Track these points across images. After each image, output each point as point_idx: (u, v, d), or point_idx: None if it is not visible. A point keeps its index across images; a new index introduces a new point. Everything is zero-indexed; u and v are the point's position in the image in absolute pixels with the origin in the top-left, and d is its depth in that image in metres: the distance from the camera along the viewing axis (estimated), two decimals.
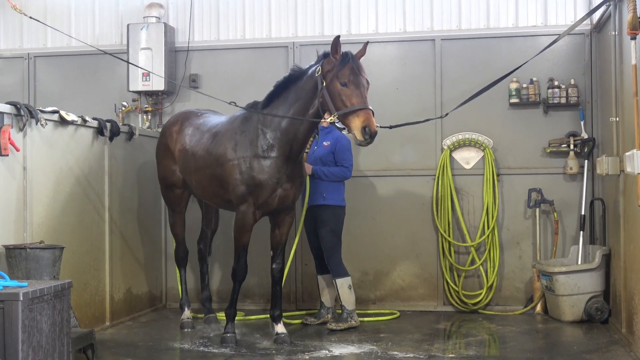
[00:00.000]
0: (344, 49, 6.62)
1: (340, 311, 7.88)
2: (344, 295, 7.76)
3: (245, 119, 7.12)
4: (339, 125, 6.70)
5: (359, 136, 6.37)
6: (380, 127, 6.60)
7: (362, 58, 6.72)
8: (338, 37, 6.60)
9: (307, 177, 7.71)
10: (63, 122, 6.96)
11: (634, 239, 6.66)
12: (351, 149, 7.88)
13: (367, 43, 6.80)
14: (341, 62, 6.54)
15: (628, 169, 6.11)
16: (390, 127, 7.19)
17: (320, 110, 6.66)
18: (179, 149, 7.67)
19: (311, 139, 7.73)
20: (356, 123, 6.38)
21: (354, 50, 6.66)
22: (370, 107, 6.45)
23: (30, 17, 6.78)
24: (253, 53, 9.29)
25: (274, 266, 7.23)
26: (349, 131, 6.52)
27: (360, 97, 6.46)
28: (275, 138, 6.86)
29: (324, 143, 7.83)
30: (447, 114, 7.65)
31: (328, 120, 6.60)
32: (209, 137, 7.32)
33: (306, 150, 7.82)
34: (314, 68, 6.74)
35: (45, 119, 6.63)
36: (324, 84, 6.56)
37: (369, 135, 6.35)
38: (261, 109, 7.01)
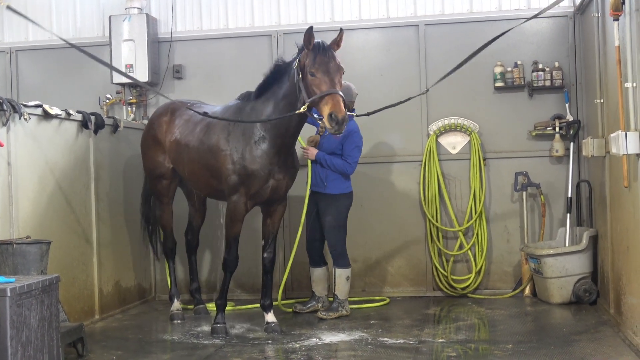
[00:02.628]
0: (326, 37, 6.57)
1: (331, 299, 7.89)
2: (339, 285, 7.75)
3: (238, 110, 7.09)
4: (316, 115, 6.54)
5: (327, 124, 6.19)
6: (357, 115, 6.52)
7: (343, 45, 6.60)
8: (311, 27, 6.48)
9: (309, 162, 7.69)
10: (47, 116, 6.91)
11: (620, 220, 6.69)
12: (361, 147, 7.75)
13: (341, 30, 6.57)
14: (312, 52, 6.42)
15: (613, 150, 6.14)
16: (368, 114, 7.07)
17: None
18: (170, 140, 7.63)
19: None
20: (324, 111, 6.21)
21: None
22: (340, 92, 6.26)
23: (8, 7, 6.68)
24: (236, 42, 9.25)
25: (265, 255, 7.23)
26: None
27: (327, 84, 6.29)
28: (267, 129, 6.83)
29: None
30: (427, 90, 7.48)
31: (301, 110, 6.43)
32: (203, 127, 7.28)
33: (320, 133, 7.77)
34: (294, 62, 6.67)
35: (29, 114, 6.58)
36: (300, 76, 6.49)
37: (335, 121, 6.14)
38: (254, 100, 6.98)
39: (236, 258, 7.10)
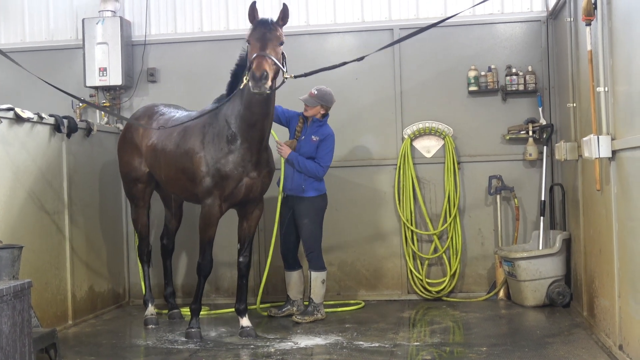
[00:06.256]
0: (302, 41, 6.58)
1: (307, 303, 7.88)
2: (315, 289, 7.74)
3: (214, 113, 7.07)
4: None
5: (252, 86, 6.27)
6: (295, 76, 6.57)
7: (319, 48, 6.61)
8: (253, 3, 6.58)
9: (282, 162, 7.68)
10: (19, 119, 6.83)
11: (593, 223, 6.74)
12: (333, 151, 7.78)
13: (284, 5, 6.66)
14: (253, 26, 6.56)
15: (586, 154, 6.18)
16: (305, 75, 7.03)
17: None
18: (147, 144, 7.59)
19: (300, 125, 7.70)
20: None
21: (312, 41, 6.61)
22: (265, 54, 6.30)
23: None
24: (211, 46, 9.21)
25: (240, 259, 7.21)
26: None
27: (257, 49, 6.39)
28: (238, 127, 6.81)
29: (313, 137, 7.68)
30: (363, 57, 7.14)
31: (244, 82, 6.53)
32: (180, 131, 7.25)
33: (296, 137, 7.76)
34: None
35: (0, 117, 6.51)
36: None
37: (252, 77, 6.22)
38: (227, 100, 6.97)
39: (210, 262, 7.07)
